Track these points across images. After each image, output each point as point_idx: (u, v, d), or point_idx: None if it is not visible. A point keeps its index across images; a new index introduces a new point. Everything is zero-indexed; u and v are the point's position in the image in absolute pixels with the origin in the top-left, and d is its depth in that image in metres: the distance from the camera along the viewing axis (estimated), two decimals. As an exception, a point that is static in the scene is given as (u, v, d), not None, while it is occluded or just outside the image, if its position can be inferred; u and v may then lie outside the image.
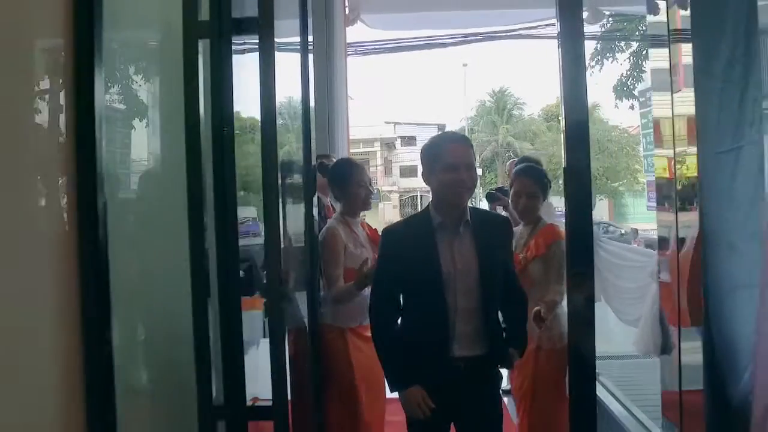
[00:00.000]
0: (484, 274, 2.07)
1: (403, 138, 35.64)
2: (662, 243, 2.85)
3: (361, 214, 2.81)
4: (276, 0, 1.41)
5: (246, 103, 1.62)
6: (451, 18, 6.64)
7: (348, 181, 2.64)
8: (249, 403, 1.51)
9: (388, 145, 35.69)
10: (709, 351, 2.38)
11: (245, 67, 1.56)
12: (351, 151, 6.98)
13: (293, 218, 2.28)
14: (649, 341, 2.71)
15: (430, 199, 2.18)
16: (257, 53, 1.41)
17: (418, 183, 33.17)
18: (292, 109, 2.83)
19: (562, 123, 2.21)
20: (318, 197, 3.23)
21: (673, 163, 2.57)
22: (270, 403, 1.43)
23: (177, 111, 1.45)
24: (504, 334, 2.20)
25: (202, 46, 1.42)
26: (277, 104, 1.46)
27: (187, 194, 1.42)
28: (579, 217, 2.19)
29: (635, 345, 2.97)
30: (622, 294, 3.43)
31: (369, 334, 2.28)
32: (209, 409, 1.37)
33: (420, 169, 2.20)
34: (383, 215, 30.08)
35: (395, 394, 2.12)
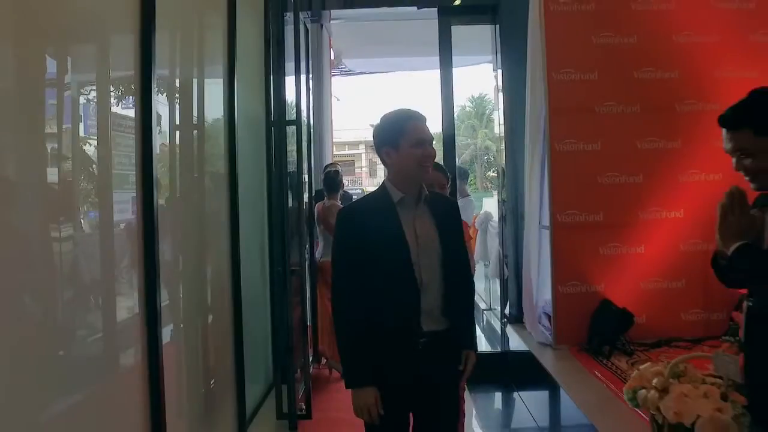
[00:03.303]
0: (445, 248, 2.09)
1: (386, 140, 37.39)
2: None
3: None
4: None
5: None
6: (415, 61, 8.86)
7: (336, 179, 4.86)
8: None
9: (373, 147, 37.32)
10: (515, 269, 4.63)
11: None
12: (337, 153, 8.95)
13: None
14: (494, 272, 4.97)
15: (387, 176, 2.17)
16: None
17: (399, 183, 34.95)
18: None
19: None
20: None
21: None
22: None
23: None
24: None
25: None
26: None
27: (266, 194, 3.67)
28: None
29: (489, 276, 5.23)
30: (495, 252, 5.67)
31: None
32: (273, 268, 3.64)
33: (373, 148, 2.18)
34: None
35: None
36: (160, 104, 2.45)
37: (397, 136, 2.07)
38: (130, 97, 2.21)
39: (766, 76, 3.93)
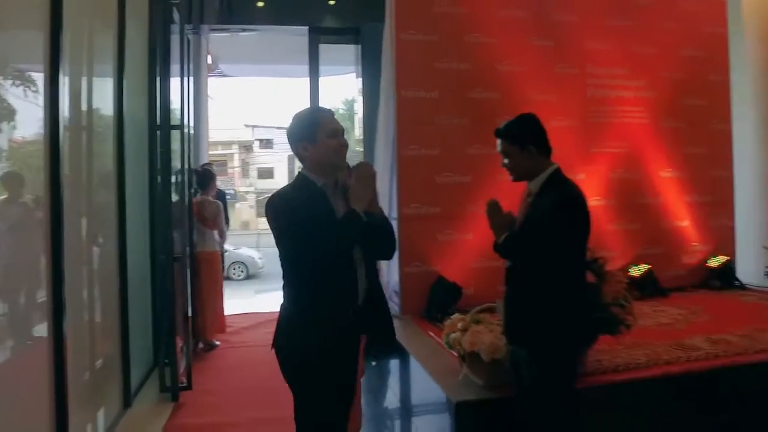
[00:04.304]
0: None
1: (261, 141, 36.96)
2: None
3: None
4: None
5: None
6: (286, 68, 9.46)
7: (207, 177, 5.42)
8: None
9: (246, 147, 36.65)
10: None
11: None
12: (210, 152, 9.37)
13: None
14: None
15: (303, 167, 2.25)
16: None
17: (274, 184, 34.70)
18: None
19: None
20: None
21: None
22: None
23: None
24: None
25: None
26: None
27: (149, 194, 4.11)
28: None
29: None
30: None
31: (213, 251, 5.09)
32: (155, 256, 4.09)
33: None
34: (240, 215, 31.96)
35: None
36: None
37: (315, 129, 2.19)
38: (35, 93, 2.52)
39: (563, 99, 5.07)
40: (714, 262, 5.45)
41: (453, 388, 3.05)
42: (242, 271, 14.06)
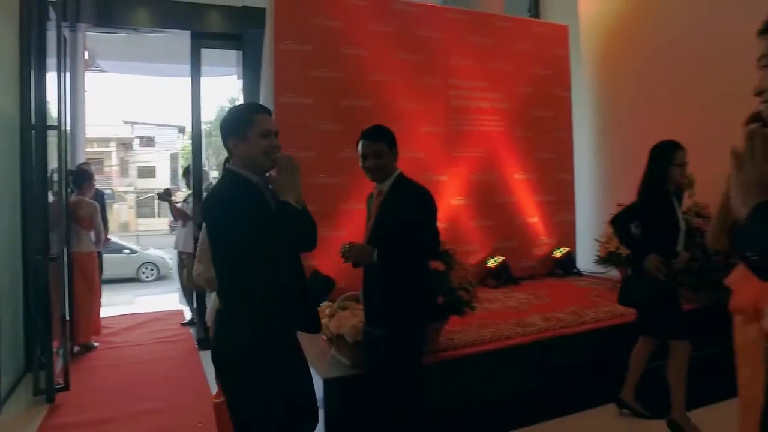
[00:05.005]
0: None
1: (141, 138, 35.58)
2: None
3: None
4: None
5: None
6: (168, 67, 9.37)
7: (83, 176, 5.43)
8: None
9: (125, 145, 34.98)
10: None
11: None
12: (85, 150, 9.10)
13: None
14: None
15: (232, 162, 2.20)
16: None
17: (155, 183, 33.28)
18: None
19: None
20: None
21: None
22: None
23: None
24: None
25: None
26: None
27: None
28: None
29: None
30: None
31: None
32: (27, 257, 4.10)
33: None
34: (118, 216, 30.48)
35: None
36: None
37: (245, 127, 2.14)
38: None
39: (427, 107, 5.61)
40: (558, 253, 6.25)
41: (323, 367, 3.41)
42: (153, 272, 13.70)
